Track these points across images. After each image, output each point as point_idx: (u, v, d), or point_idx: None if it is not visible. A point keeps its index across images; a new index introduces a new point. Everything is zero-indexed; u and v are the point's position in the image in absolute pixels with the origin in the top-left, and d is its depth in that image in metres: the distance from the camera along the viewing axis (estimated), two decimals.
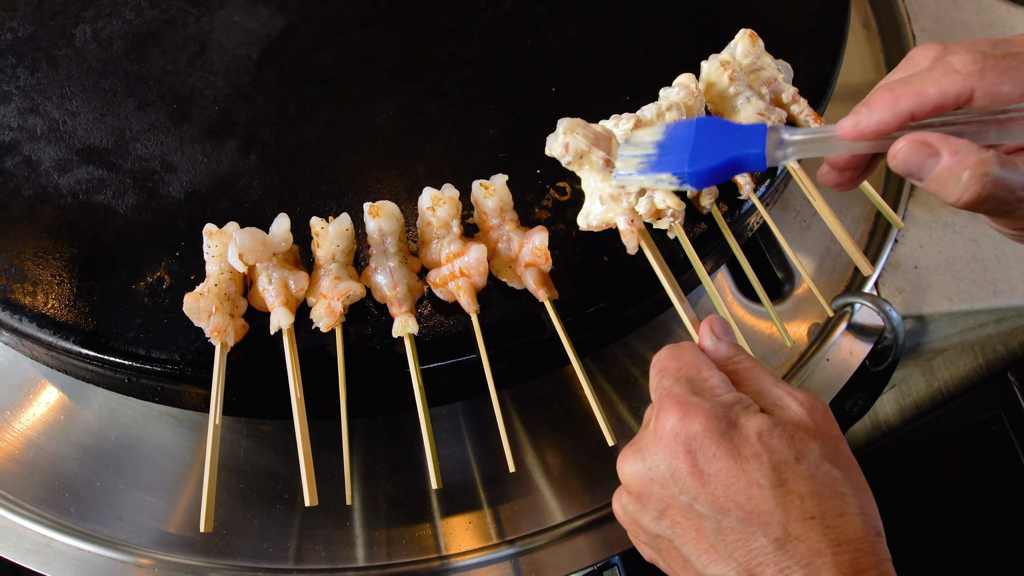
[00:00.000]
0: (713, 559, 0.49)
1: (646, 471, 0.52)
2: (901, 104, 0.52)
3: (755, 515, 0.48)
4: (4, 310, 0.72)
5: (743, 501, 0.48)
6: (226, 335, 0.66)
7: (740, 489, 0.48)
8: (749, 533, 0.48)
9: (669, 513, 0.51)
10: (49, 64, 0.85)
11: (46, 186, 0.77)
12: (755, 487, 0.48)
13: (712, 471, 0.49)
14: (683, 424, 0.51)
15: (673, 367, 0.55)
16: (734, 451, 0.49)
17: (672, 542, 0.52)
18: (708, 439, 0.50)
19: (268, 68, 0.85)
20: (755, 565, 0.47)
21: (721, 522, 0.49)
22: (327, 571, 0.83)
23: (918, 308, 0.93)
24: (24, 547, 0.81)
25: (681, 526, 0.50)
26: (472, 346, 0.69)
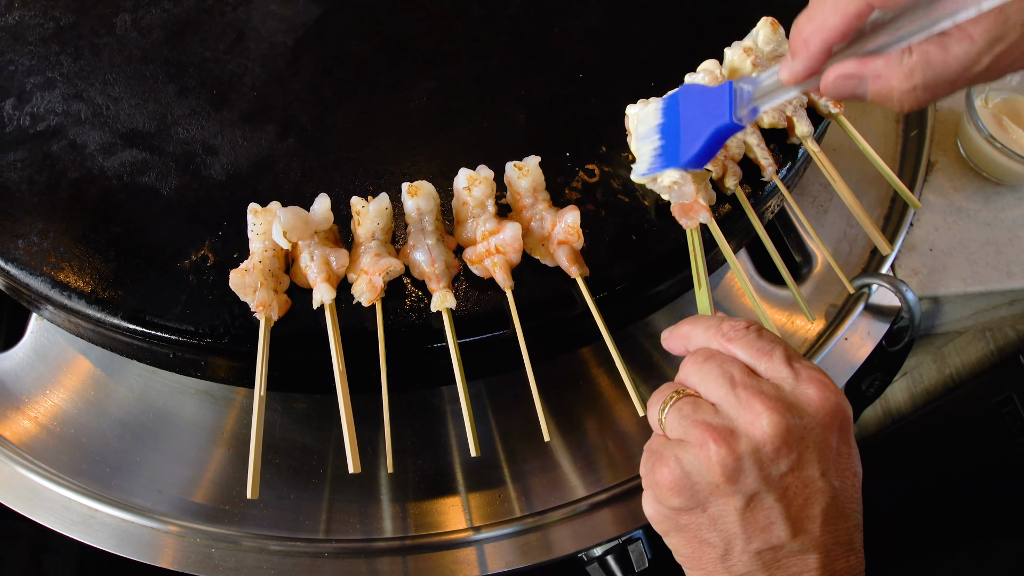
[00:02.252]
0: (806, 530, 0.52)
1: (801, 429, 0.52)
2: (812, 47, 0.54)
3: (851, 501, 0.54)
4: (53, 288, 0.74)
5: (848, 487, 0.54)
6: (271, 309, 0.69)
7: (850, 476, 0.54)
8: (844, 516, 0.53)
9: (794, 474, 0.52)
10: (91, 52, 0.87)
11: (91, 168, 0.80)
12: (856, 477, 0.55)
13: (845, 453, 0.54)
14: (842, 404, 0.54)
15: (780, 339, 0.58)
16: (853, 443, 0.55)
17: (773, 502, 0.52)
18: (850, 425, 0.55)
19: (304, 55, 0.87)
20: (837, 542, 0.53)
21: (835, 498, 0.53)
22: (358, 541, 0.85)
23: (933, 289, 0.95)
24: (70, 518, 0.84)
25: (796, 488, 0.52)
26: (506, 321, 0.72)
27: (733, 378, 0.55)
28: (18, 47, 0.88)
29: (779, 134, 0.82)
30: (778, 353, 0.55)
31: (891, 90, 0.52)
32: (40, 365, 0.95)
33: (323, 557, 0.83)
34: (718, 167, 0.77)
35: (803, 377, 0.54)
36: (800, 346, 0.95)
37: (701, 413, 0.55)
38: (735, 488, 0.52)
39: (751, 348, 0.56)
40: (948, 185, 1.04)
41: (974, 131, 1.01)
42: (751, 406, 0.52)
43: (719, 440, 0.52)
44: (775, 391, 0.53)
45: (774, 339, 0.57)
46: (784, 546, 0.52)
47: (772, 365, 0.55)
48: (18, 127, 0.82)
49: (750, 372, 0.55)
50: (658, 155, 0.71)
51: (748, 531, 0.52)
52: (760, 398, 0.53)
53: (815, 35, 0.53)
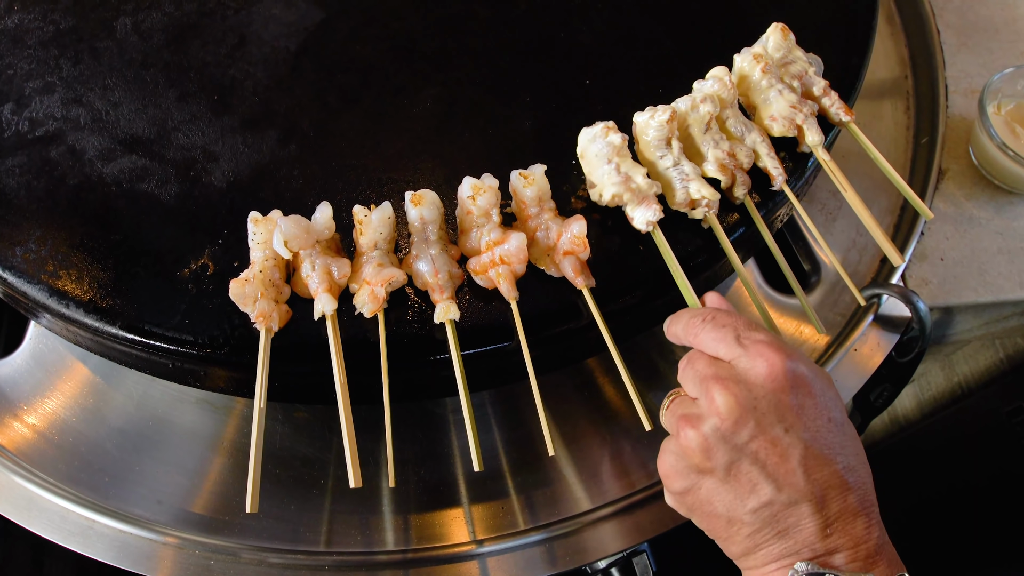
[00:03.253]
0: (790, 483, 0.57)
1: (752, 399, 0.58)
2: None
3: (831, 447, 0.58)
4: (51, 296, 0.73)
5: (824, 434, 0.58)
6: (271, 320, 0.68)
7: (823, 424, 0.58)
8: (827, 460, 0.57)
9: (760, 439, 0.58)
10: (91, 56, 0.86)
11: (90, 175, 0.79)
12: (831, 424, 0.59)
13: (807, 405, 0.58)
14: (791, 363, 0.59)
15: (730, 318, 0.63)
16: (820, 393, 0.59)
17: (750, 466, 0.58)
18: (806, 380, 0.59)
19: (306, 59, 0.86)
20: (826, 487, 0.57)
21: (810, 449, 0.57)
22: (359, 554, 0.84)
23: (944, 299, 0.94)
24: (67, 529, 0.83)
25: (766, 450, 0.57)
26: (510, 333, 0.70)
27: (699, 372, 0.61)
28: (17, 51, 0.87)
29: (789, 142, 0.80)
30: (729, 335, 0.61)
31: None
32: (38, 372, 0.94)
33: (324, 570, 0.82)
34: (727, 176, 0.75)
35: (751, 352, 0.59)
36: (809, 355, 0.94)
37: (682, 408, 0.62)
38: (712, 463, 0.59)
39: (709, 339, 0.62)
40: (959, 193, 1.02)
41: (986, 138, 0.99)
42: (708, 391, 0.60)
43: (688, 426, 0.60)
44: (728, 372, 0.60)
45: (725, 322, 0.62)
46: (774, 501, 0.57)
47: (727, 347, 0.61)
48: (16, 132, 0.81)
49: (713, 361, 0.62)
50: None
51: (739, 495, 0.58)
52: (715, 381, 0.59)
53: None
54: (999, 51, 1.15)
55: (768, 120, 0.79)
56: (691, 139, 0.77)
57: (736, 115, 0.79)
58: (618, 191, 0.72)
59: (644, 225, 0.73)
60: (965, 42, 1.16)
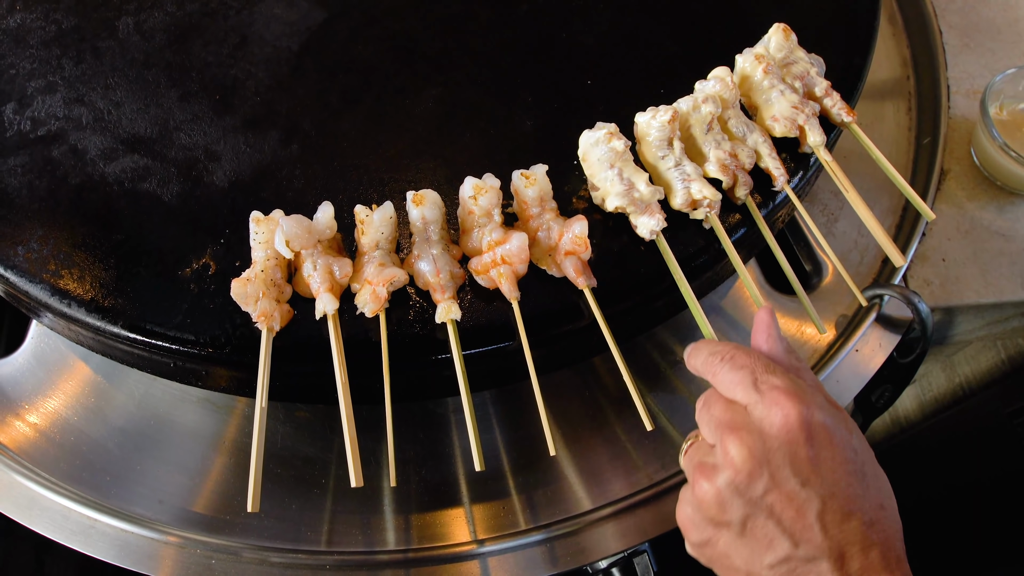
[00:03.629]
0: (807, 538, 0.54)
1: (766, 451, 0.56)
2: None
3: (852, 500, 0.55)
4: (53, 295, 0.73)
5: (844, 487, 0.55)
6: (272, 320, 0.68)
7: (843, 476, 0.55)
8: (847, 515, 0.54)
9: (774, 492, 0.55)
10: (93, 55, 0.86)
11: (92, 174, 0.79)
12: (852, 476, 0.56)
13: (824, 457, 0.55)
14: (807, 413, 0.56)
15: (749, 358, 0.60)
16: (840, 442, 0.56)
17: (766, 520, 0.56)
18: (824, 429, 0.56)
19: (308, 60, 0.86)
20: (846, 544, 0.54)
21: (828, 504, 0.54)
22: (360, 553, 0.84)
23: (946, 300, 0.94)
24: (69, 528, 0.83)
25: (782, 504, 0.55)
26: (512, 332, 0.70)
27: (716, 419, 0.59)
28: (19, 50, 0.87)
29: (791, 143, 0.80)
30: (747, 378, 0.59)
31: None
32: (40, 371, 0.94)
33: (325, 569, 0.82)
34: (728, 176, 0.75)
35: (767, 398, 0.57)
36: (811, 356, 0.94)
37: (699, 455, 0.60)
38: (728, 517, 0.57)
39: (727, 380, 0.60)
40: (961, 194, 1.02)
41: (988, 139, 0.99)
42: (723, 441, 0.57)
43: (703, 477, 0.58)
44: (743, 420, 0.58)
45: (744, 363, 0.60)
46: (792, 557, 0.55)
47: (744, 392, 0.59)
48: (18, 132, 0.81)
49: (729, 406, 0.59)
50: None
51: (756, 550, 0.56)
52: (729, 432, 0.57)
53: None
54: (1001, 52, 1.15)
55: (770, 120, 0.79)
56: (693, 139, 0.77)
57: (738, 115, 0.79)
58: (621, 202, 0.73)
59: (648, 234, 0.73)
60: (967, 43, 1.16)
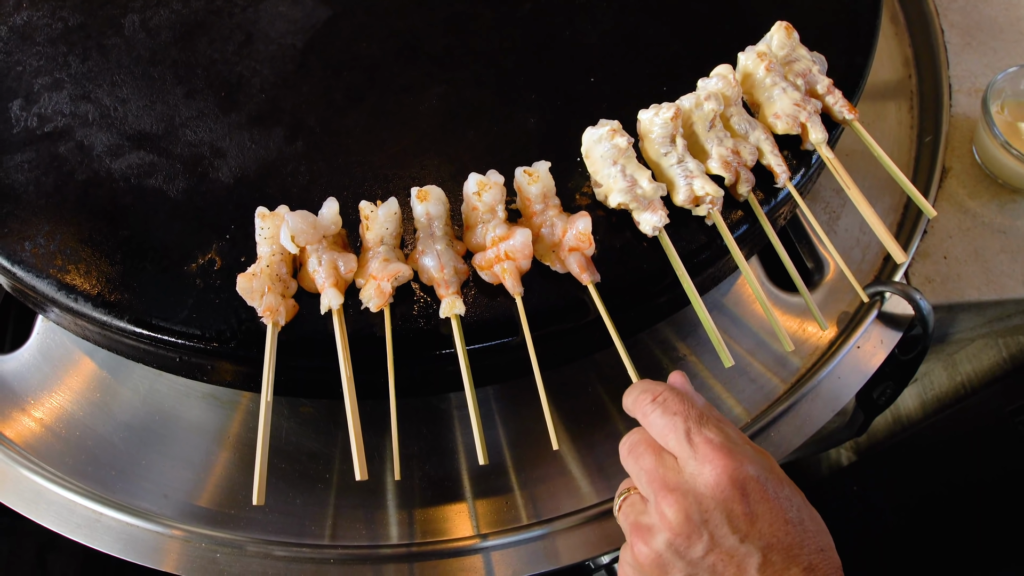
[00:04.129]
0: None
1: (699, 513, 0.56)
2: None
3: (791, 549, 0.55)
4: (59, 290, 0.74)
5: (782, 537, 0.55)
6: (278, 314, 0.68)
7: (779, 527, 0.56)
8: (787, 565, 0.55)
9: (715, 552, 0.56)
10: (99, 53, 0.87)
11: (98, 170, 0.80)
12: (789, 525, 0.56)
13: (760, 512, 0.56)
14: (740, 470, 0.56)
15: (681, 405, 0.60)
16: (774, 494, 0.57)
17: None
18: (758, 484, 0.56)
19: (313, 57, 0.87)
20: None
21: (768, 556, 0.55)
22: (364, 548, 0.85)
23: (947, 298, 0.94)
24: (75, 521, 0.84)
25: (724, 563, 0.55)
26: (515, 328, 0.71)
27: (646, 471, 0.59)
28: (26, 47, 0.87)
29: (793, 140, 0.81)
30: (679, 426, 0.59)
31: None
32: (45, 367, 0.95)
33: (329, 563, 0.82)
34: (731, 173, 0.76)
35: (700, 454, 0.57)
36: (812, 354, 0.94)
37: (634, 513, 0.61)
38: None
39: (657, 425, 0.60)
40: (963, 192, 1.03)
41: (989, 137, 0.99)
42: (657, 501, 0.58)
43: (640, 540, 0.58)
44: (676, 479, 0.58)
45: (676, 410, 0.60)
46: None
47: (676, 441, 0.59)
48: (25, 128, 0.82)
49: (659, 456, 0.60)
50: None
51: None
52: (663, 492, 0.57)
53: None
54: (1003, 51, 1.15)
55: (772, 118, 0.79)
56: (695, 136, 0.78)
57: (740, 113, 0.79)
58: (624, 199, 0.73)
59: (651, 230, 0.73)
60: (969, 42, 1.16)
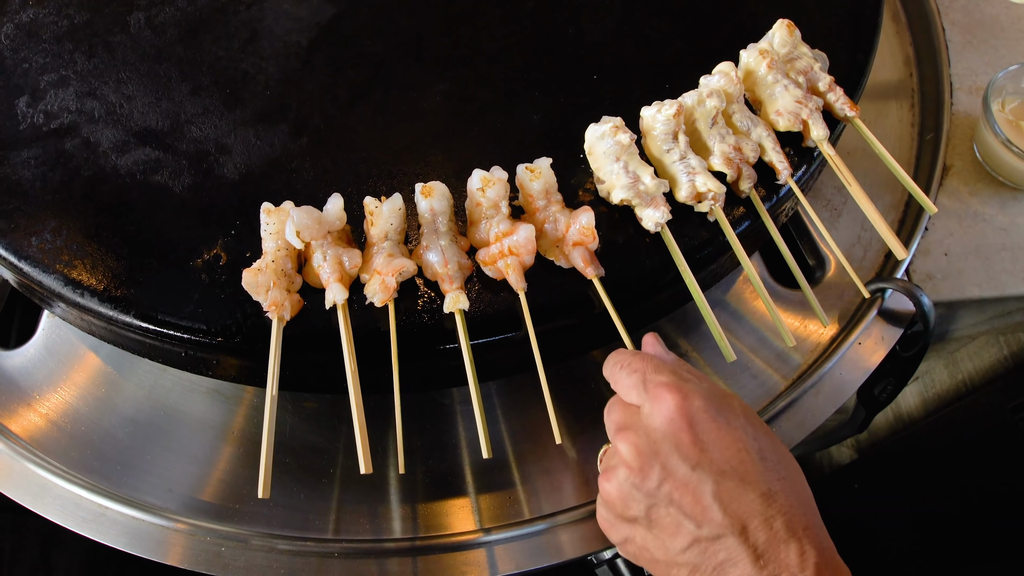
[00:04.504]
0: (708, 518, 0.57)
1: (649, 445, 0.60)
2: None
3: (746, 475, 0.57)
4: (66, 285, 0.74)
5: (736, 464, 0.58)
6: (283, 309, 0.69)
7: (733, 455, 0.58)
8: (742, 491, 0.57)
9: (668, 481, 0.58)
10: (105, 50, 0.88)
11: (104, 166, 0.80)
12: (744, 453, 0.58)
13: (710, 440, 0.58)
14: (686, 403, 0.59)
15: (641, 362, 0.64)
16: (727, 424, 0.59)
17: (667, 509, 0.59)
18: (707, 414, 0.59)
19: (318, 54, 0.87)
20: (747, 517, 0.56)
21: (720, 484, 0.57)
22: (368, 542, 0.85)
23: (948, 294, 0.95)
24: (80, 515, 0.84)
25: (679, 491, 0.58)
26: (519, 323, 0.71)
27: (614, 422, 0.64)
28: (32, 44, 0.88)
29: (794, 137, 0.81)
30: (636, 380, 0.63)
31: None
32: (51, 362, 0.95)
33: (333, 557, 0.83)
34: (733, 170, 0.76)
35: (651, 395, 0.61)
36: (813, 350, 0.95)
37: (606, 459, 0.65)
38: (633, 512, 0.61)
39: (623, 385, 0.64)
40: (964, 189, 1.03)
41: (990, 135, 1.00)
42: (616, 440, 0.62)
43: (605, 479, 0.63)
44: (633, 420, 0.62)
45: (636, 367, 0.63)
46: (699, 538, 0.57)
47: (637, 393, 0.62)
48: (32, 124, 0.82)
49: (625, 409, 0.64)
50: None
51: (667, 538, 0.59)
52: (620, 433, 0.62)
53: None
54: (1004, 49, 1.15)
55: (774, 115, 0.80)
56: (697, 133, 0.78)
57: (742, 110, 0.80)
58: (627, 195, 0.74)
59: (653, 226, 0.74)
60: (970, 40, 1.16)
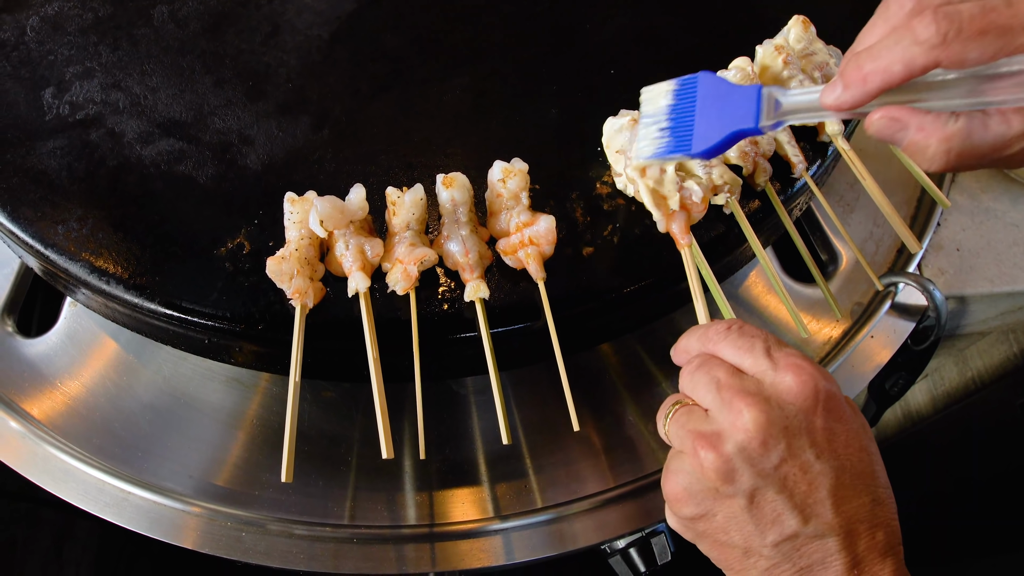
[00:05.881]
0: (817, 514, 0.52)
1: (783, 418, 0.53)
2: (870, 84, 0.54)
3: (864, 476, 0.54)
4: (91, 273, 0.75)
5: (855, 462, 0.54)
6: (306, 297, 0.70)
7: (855, 451, 0.54)
8: (859, 490, 0.53)
9: (789, 463, 0.53)
10: (129, 43, 0.89)
11: (129, 157, 0.81)
12: (864, 452, 0.54)
13: (839, 431, 0.54)
14: (825, 384, 0.54)
15: (759, 330, 0.58)
16: (853, 417, 0.55)
17: (776, 495, 0.53)
18: (840, 402, 0.55)
19: (339, 48, 0.88)
20: (855, 521, 0.53)
21: (840, 477, 0.53)
22: (385, 528, 0.86)
23: (960, 289, 0.96)
24: (104, 501, 0.86)
25: (796, 478, 0.53)
26: (538, 312, 0.72)
27: (719, 381, 0.56)
28: (57, 37, 0.89)
29: (809, 132, 0.82)
30: (758, 346, 0.56)
31: (927, 146, 0.54)
32: (72, 350, 0.97)
33: (352, 543, 0.84)
34: (748, 163, 0.77)
35: (781, 366, 0.55)
36: (825, 345, 0.96)
37: (693, 421, 0.56)
38: (733, 488, 0.54)
39: (733, 347, 0.57)
40: (975, 186, 1.04)
41: None
42: (732, 406, 0.54)
43: (707, 446, 0.54)
44: (756, 386, 0.55)
45: (755, 333, 0.58)
46: (799, 534, 0.53)
47: (754, 359, 0.56)
48: (57, 115, 0.84)
49: (735, 372, 0.56)
50: (665, 140, 0.67)
51: (760, 525, 0.53)
52: (741, 396, 0.54)
53: (876, 75, 0.54)
54: None
55: None
56: None
57: None
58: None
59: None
60: None
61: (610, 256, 0.75)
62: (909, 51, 0.51)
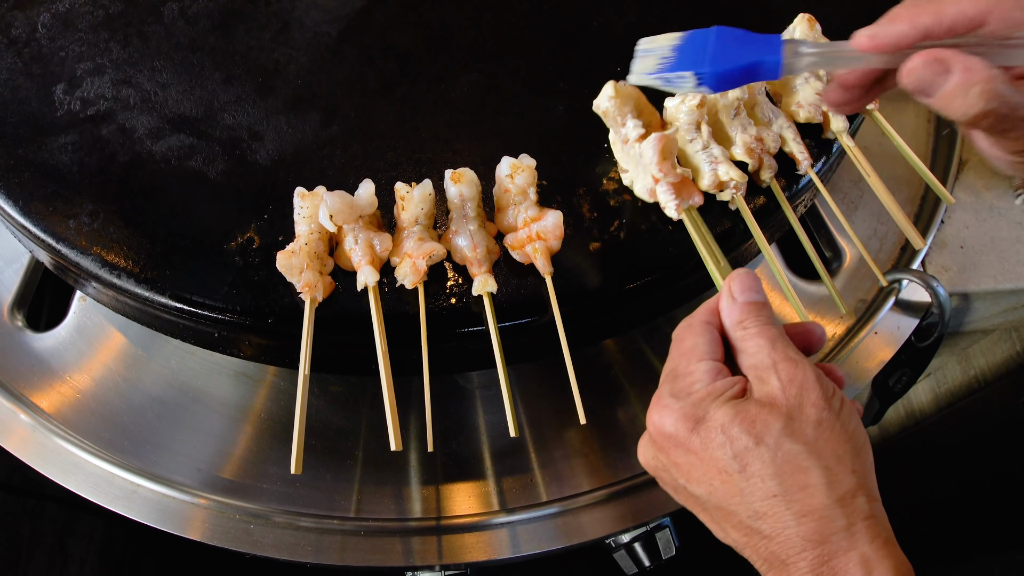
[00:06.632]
0: (715, 530, 0.56)
1: (652, 457, 0.58)
2: (921, 19, 0.53)
3: (728, 499, 0.53)
4: (102, 267, 0.76)
5: (716, 487, 0.53)
6: (316, 290, 0.71)
7: (712, 477, 0.53)
8: (727, 514, 0.54)
9: (680, 491, 0.57)
10: (140, 39, 0.90)
11: (140, 152, 0.82)
12: (724, 474, 0.53)
13: (686, 463, 0.55)
14: (661, 422, 0.56)
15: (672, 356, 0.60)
16: (702, 445, 0.54)
17: None
18: (676, 439, 0.55)
19: (347, 45, 0.89)
20: (741, 546, 0.54)
21: (707, 504, 0.55)
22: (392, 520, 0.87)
23: (964, 286, 0.96)
24: (113, 493, 0.87)
25: (689, 503, 0.57)
26: (545, 307, 0.73)
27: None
28: (68, 33, 0.90)
29: (814, 128, 0.83)
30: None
31: (973, 85, 0.51)
32: (81, 344, 0.97)
33: (359, 535, 0.85)
34: (754, 159, 0.78)
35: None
36: (828, 341, 0.96)
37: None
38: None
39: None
40: (979, 183, 1.05)
41: None
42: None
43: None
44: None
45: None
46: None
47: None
48: (69, 111, 0.85)
49: None
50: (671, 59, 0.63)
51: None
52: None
53: (927, 14, 0.53)
54: None
55: (795, 106, 0.81)
56: (720, 124, 0.80)
57: (764, 102, 0.81)
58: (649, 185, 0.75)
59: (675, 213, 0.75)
60: None
61: (616, 252, 0.76)
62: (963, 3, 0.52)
